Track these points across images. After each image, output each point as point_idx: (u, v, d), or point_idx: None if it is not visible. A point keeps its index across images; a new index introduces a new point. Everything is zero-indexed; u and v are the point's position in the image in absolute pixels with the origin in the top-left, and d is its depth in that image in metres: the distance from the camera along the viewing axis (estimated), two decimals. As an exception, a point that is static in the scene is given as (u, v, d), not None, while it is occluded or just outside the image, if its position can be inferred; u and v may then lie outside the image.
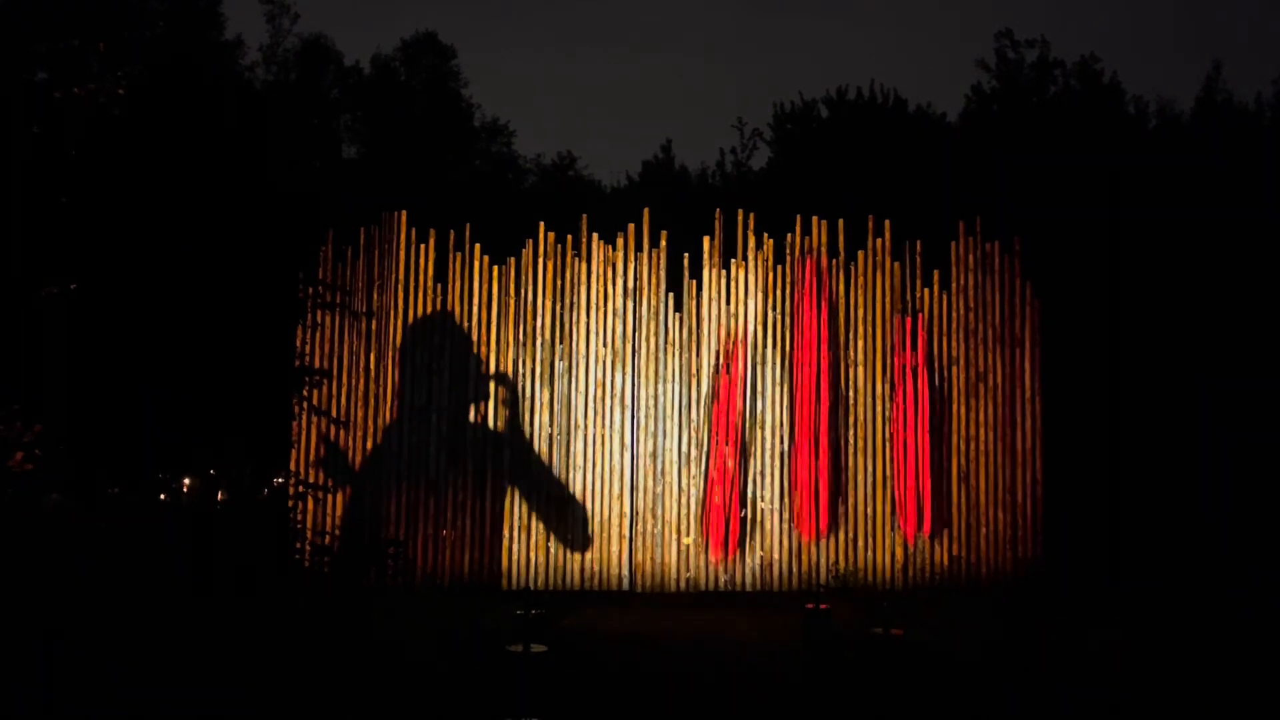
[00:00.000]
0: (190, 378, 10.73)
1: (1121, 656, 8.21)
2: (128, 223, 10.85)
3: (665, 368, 11.77)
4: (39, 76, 8.72)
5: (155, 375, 10.58)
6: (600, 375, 11.74)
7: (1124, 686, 7.37)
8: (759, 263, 11.95)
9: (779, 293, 11.92)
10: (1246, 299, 15.05)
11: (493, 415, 11.66)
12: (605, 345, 11.78)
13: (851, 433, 11.81)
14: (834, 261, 11.98)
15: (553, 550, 11.50)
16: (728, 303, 11.90)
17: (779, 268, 11.95)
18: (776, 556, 11.58)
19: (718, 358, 11.81)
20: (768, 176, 24.15)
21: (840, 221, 12.04)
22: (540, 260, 11.87)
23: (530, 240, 11.89)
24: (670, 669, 8.01)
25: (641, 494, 11.60)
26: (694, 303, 11.88)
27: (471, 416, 11.65)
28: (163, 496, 10.33)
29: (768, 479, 11.69)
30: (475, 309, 11.82)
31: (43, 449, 7.13)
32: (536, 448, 11.63)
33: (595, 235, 11.92)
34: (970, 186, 17.33)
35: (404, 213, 12.01)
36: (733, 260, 11.96)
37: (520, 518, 11.54)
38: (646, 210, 12.03)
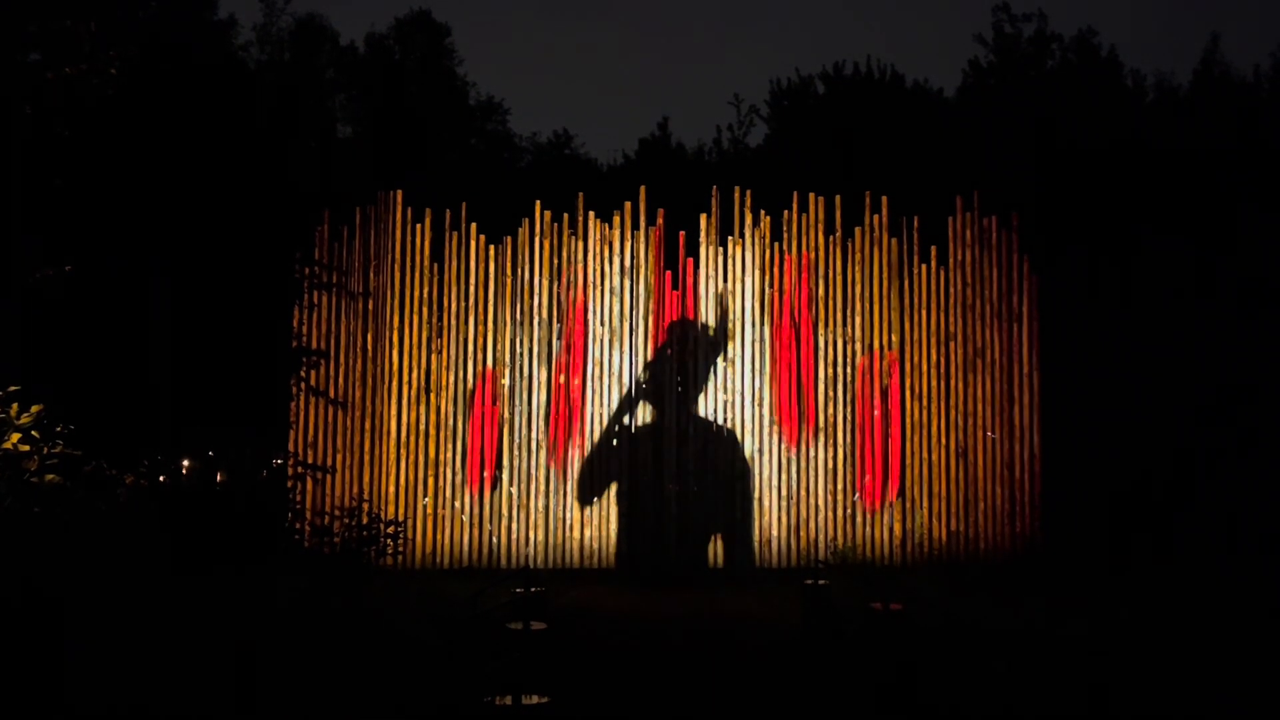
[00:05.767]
0: (187, 359, 10.72)
1: (1116, 636, 8.25)
2: (121, 204, 10.81)
3: (663, 346, 11.76)
4: (31, 57, 8.67)
5: (152, 357, 10.57)
6: (598, 354, 11.73)
7: (1116, 669, 7.41)
8: (756, 240, 11.92)
9: (776, 270, 11.90)
10: (1244, 272, 15.03)
11: (491, 394, 11.66)
12: (603, 324, 11.77)
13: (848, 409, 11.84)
14: (830, 238, 11.96)
15: (552, 528, 11.52)
16: (725, 280, 11.88)
17: (776, 244, 11.92)
18: (775, 534, 11.61)
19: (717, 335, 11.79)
20: (764, 153, 24.08)
21: (837, 198, 12.01)
22: (537, 239, 11.84)
23: (527, 219, 11.86)
24: (670, 645, 8.05)
25: (640, 472, 11.60)
26: (691, 280, 11.86)
27: (471, 395, 11.65)
28: (162, 479, 10.33)
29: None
30: (472, 288, 11.80)
31: (41, 430, 7.13)
32: (535, 426, 11.63)
33: (592, 214, 11.88)
34: (967, 162, 17.28)
35: (399, 192, 11.97)
36: (730, 238, 11.93)
37: (519, 496, 11.56)
38: (643, 188, 11.99)
